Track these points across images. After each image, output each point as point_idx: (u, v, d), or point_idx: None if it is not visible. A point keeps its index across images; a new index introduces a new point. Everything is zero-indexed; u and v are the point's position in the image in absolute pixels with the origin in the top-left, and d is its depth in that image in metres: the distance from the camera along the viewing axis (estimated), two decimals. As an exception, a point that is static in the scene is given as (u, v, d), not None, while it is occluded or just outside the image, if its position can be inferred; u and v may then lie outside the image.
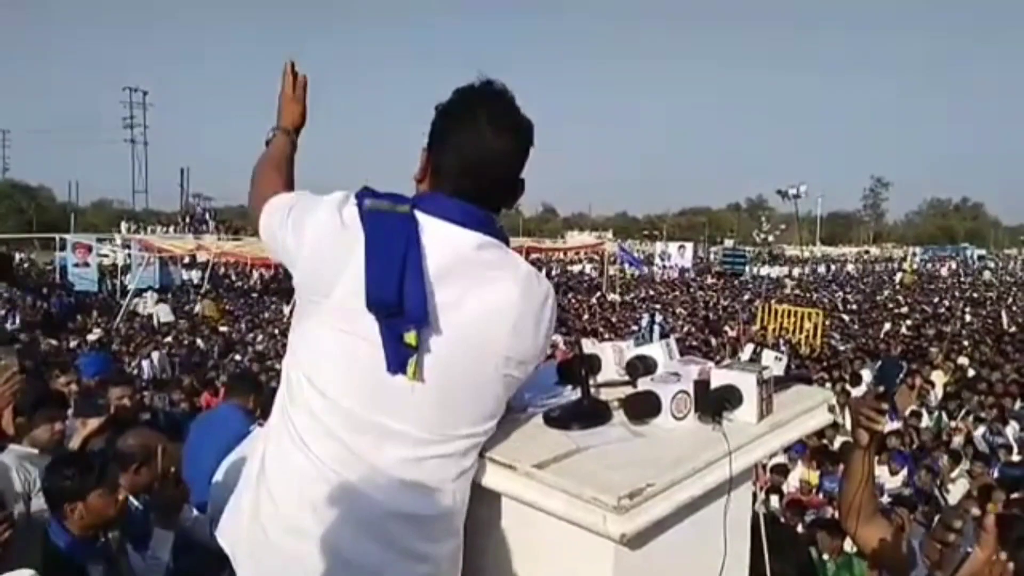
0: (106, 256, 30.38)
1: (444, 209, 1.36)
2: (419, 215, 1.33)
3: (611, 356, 1.83)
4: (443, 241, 1.33)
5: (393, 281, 1.25)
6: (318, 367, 1.36)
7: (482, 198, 1.39)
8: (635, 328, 18.77)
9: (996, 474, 7.29)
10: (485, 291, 1.34)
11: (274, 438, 1.42)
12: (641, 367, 1.73)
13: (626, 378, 1.76)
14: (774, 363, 1.85)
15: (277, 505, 1.38)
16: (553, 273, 38.76)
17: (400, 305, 1.25)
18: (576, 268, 41.63)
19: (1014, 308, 27.21)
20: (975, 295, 33.27)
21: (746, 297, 29.12)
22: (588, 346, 1.84)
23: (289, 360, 1.44)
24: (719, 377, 1.63)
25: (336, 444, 1.34)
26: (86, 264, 28.12)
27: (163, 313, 20.89)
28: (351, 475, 1.33)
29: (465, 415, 1.38)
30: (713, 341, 16.77)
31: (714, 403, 1.57)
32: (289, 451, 1.37)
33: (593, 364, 1.77)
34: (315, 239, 1.36)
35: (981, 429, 9.38)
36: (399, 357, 1.29)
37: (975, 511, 5.31)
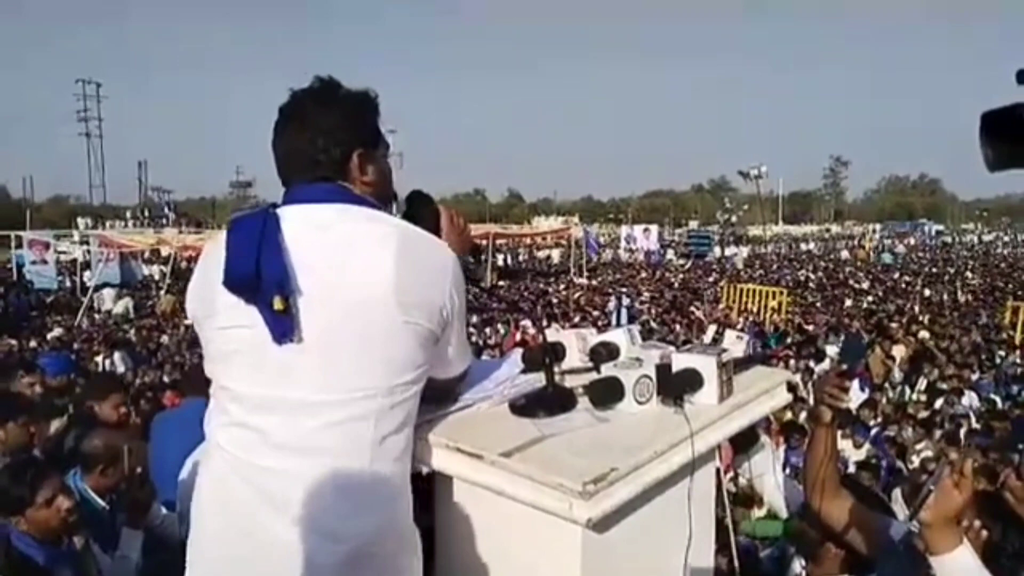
0: (65, 252, 29.72)
1: (293, 195, 1.46)
2: (277, 210, 1.41)
3: (575, 343, 1.85)
4: (300, 219, 1.39)
5: (250, 257, 1.31)
6: (223, 369, 1.41)
7: (320, 177, 1.45)
8: (602, 312, 18.85)
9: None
10: (357, 247, 1.37)
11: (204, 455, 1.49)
12: (604, 353, 1.76)
13: (590, 364, 1.78)
14: (736, 342, 1.89)
15: (202, 506, 1.42)
16: (521, 258, 38.75)
17: (258, 276, 1.30)
18: (543, 253, 41.53)
19: (969, 277, 27.80)
20: (934, 270, 33.97)
21: (711, 278, 29.38)
22: (552, 334, 1.86)
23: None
24: (680, 361, 1.66)
25: (242, 430, 1.37)
26: (44, 261, 27.46)
27: (119, 307, 20.60)
28: (260, 459, 1.34)
29: (360, 369, 1.35)
30: (679, 324, 16.91)
31: (676, 387, 1.60)
32: (209, 455, 1.44)
33: (557, 351, 1.79)
34: (191, 284, 1.48)
35: (939, 401, 9.59)
36: (280, 327, 1.32)
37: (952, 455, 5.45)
